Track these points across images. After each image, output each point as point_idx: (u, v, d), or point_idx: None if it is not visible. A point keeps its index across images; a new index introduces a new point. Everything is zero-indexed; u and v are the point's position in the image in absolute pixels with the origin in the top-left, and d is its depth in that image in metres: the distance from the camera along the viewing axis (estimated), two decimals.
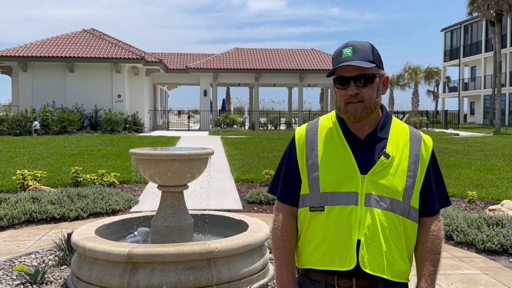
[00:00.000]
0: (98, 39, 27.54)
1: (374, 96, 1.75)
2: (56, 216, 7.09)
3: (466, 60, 43.96)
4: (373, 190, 1.71)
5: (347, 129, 1.79)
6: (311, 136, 1.83)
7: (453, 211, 6.87)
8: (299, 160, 1.83)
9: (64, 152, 14.79)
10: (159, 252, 3.75)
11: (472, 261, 5.33)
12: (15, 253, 5.37)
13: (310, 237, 1.78)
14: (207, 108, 31.15)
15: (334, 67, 1.74)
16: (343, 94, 1.74)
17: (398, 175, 1.74)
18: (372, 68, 1.73)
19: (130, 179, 10.13)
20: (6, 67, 26.96)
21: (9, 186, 9.17)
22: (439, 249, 1.82)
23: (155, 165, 4.17)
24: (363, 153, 1.75)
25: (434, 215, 1.82)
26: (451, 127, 31.80)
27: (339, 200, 1.72)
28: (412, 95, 40.83)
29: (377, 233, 1.69)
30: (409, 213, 1.75)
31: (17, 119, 22.28)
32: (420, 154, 1.79)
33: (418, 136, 1.82)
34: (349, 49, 1.73)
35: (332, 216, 1.73)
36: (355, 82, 1.72)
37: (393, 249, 1.72)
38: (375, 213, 1.70)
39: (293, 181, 1.85)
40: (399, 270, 1.74)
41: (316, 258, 1.76)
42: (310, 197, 1.78)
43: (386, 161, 1.74)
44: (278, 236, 1.85)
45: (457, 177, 10.87)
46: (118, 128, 24.10)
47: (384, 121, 1.81)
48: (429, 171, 1.81)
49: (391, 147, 1.77)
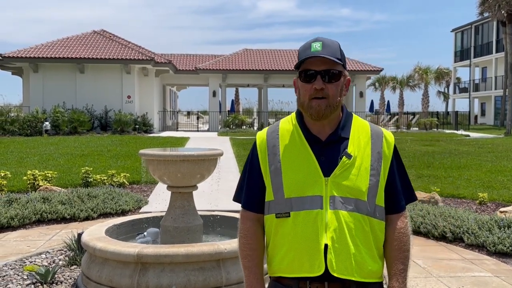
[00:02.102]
0: (108, 40, 27.69)
1: (338, 94, 1.73)
2: (67, 216, 7.13)
3: (476, 61, 43.65)
4: (337, 192, 1.69)
5: (308, 131, 1.77)
6: (272, 140, 1.80)
7: (464, 213, 6.82)
8: (262, 166, 1.80)
9: (74, 152, 14.89)
10: (168, 253, 3.76)
11: (483, 263, 5.28)
12: (26, 253, 5.41)
13: (279, 245, 1.75)
14: (216, 109, 31.19)
15: (303, 58, 1.70)
16: (308, 89, 1.71)
17: (361, 174, 1.71)
18: (339, 65, 1.72)
19: (140, 180, 10.17)
20: (17, 68, 27.20)
21: (20, 186, 9.25)
22: (407, 247, 1.78)
23: (164, 165, 4.19)
24: (325, 154, 1.73)
25: (400, 212, 1.79)
26: (461, 128, 31.58)
27: (304, 205, 1.70)
28: (422, 96, 40.58)
29: (344, 235, 1.67)
30: (375, 212, 1.73)
31: (28, 120, 22.46)
32: (382, 151, 1.76)
33: (379, 132, 1.80)
34: (319, 44, 1.70)
35: (298, 221, 1.70)
36: (322, 77, 1.70)
37: (361, 250, 1.69)
38: (341, 215, 1.68)
39: (257, 187, 1.81)
40: (370, 271, 1.71)
41: (286, 266, 1.73)
42: (275, 203, 1.75)
43: (348, 161, 1.71)
44: (244, 245, 1.83)
45: (467, 179, 10.78)
46: (127, 129, 24.22)
47: (344, 120, 1.79)
48: (393, 167, 1.78)
49: (353, 147, 1.74)
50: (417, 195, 8.10)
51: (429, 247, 5.87)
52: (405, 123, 33.07)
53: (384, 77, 42.22)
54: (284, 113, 37.64)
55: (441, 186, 9.57)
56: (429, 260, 5.36)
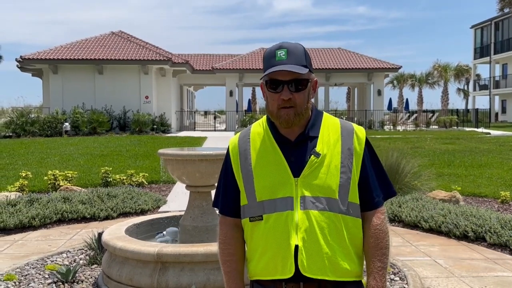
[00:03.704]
0: (126, 41, 27.93)
1: (305, 101, 1.72)
2: (87, 215, 7.20)
3: (497, 57, 42.94)
4: (307, 192, 1.68)
5: (278, 132, 1.76)
6: (244, 144, 1.81)
7: (486, 212, 6.71)
8: (235, 170, 1.81)
9: (94, 152, 15.04)
10: (188, 252, 3.77)
11: (506, 263, 5.19)
12: (47, 252, 5.47)
13: (254, 248, 1.76)
14: (233, 108, 31.24)
15: (269, 71, 1.69)
16: (275, 98, 1.70)
17: (331, 172, 1.70)
18: (305, 73, 1.70)
19: (158, 179, 10.23)
20: (37, 70, 27.60)
21: (41, 186, 9.38)
22: (385, 243, 1.75)
23: (183, 165, 4.19)
24: (294, 155, 1.72)
25: (376, 208, 1.77)
26: (482, 126, 31.11)
27: (275, 207, 1.69)
28: (442, 94, 40.14)
29: (315, 235, 1.66)
30: (348, 209, 1.71)
31: (48, 121, 22.77)
32: (354, 148, 1.75)
33: (349, 129, 1.78)
34: (283, 52, 1.69)
35: (269, 224, 1.70)
36: (289, 86, 1.69)
37: (335, 249, 1.68)
38: (312, 215, 1.67)
39: (231, 192, 1.82)
40: (345, 269, 1.69)
41: (261, 269, 1.73)
42: (249, 207, 1.75)
43: (316, 160, 1.71)
44: (223, 250, 1.84)
45: (489, 177, 10.61)
46: (145, 129, 24.40)
47: (314, 119, 1.78)
48: (365, 163, 1.76)
49: (321, 145, 1.73)
50: (438, 194, 8.00)
51: (451, 247, 5.79)
52: (424, 121, 32.70)
53: (402, 75, 41.87)
54: None
55: (462, 185, 9.43)
56: (451, 259, 5.29)
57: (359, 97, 35.76)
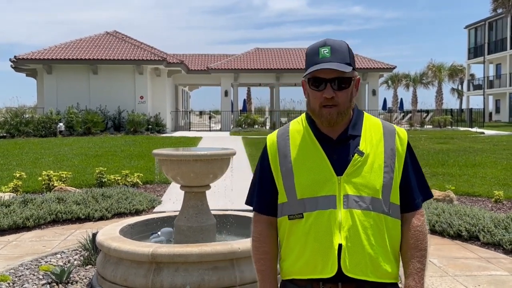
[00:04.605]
0: (120, 41, 27.86)
1: (348, 100, 1.70)
2: (81, 216, 7.18)
3: (490, 58, 43.14)
4: (350, 190, 1.66)
5: (318, 130, 1.74)
6: (283, 142, 1.78)
7: (480, 211, 6.75)
8: (273, 168, 1.78)
9: (88, 153, 15.00)
10: (182, 252, 3.77)
11: (500, 262, 5.22)
12: (42, 253, 5.46)
13: (291, 246, 1.73)
14: (228, 108, 31.22)
15: (312, 70, 1.67)
16: (318, 96, 1.69)
17: (374, 172, 1.68)
18: (349, 72, 1.68)
19: (153, 180, 10.21)
20: (31, 70, 27.49)
21: (35, 187, 9.34)
22: (424, 245, 1.74)
23: (177, 165, 4.20)
24: (337, 153, 1.70)
25: (416, 210, 1.76)
26: (476, 125, 31.24)
27: (317, 205, 1.67)
28: (436, 94, 40.24)
29: (358, 235, 1.64)
30: (389, 210, 1.69)
31: (42, 121, 22.69)
32: (396, 148, 1.74)
33: (391, 129, 1.77)
34: (327, 49, 1.67)
35: (311, 222, 1.67)
36: (332, 85, 1.67)
37: (376, 250, 1.66)
38: (355, 214, 1.65)
39: (268, 190, 1.80)
40: (385, 271, 1.68)
41: (299, 268, 1.71)
42: (288, 205, 1.73)
43: (360, 159, 1.69)
44: (257, 248, 1.81)
45: (483, 177, 10.66)
46: (140, 129, 24.36)
47: (355, 118, 1.76)
48: (407, 164, 1.76)
49: (365, 144, 1.71)
50: None
51: (445, 246, 5.82)
52: (419, 120, 32.81)
53: (397, 75, 41.95)
54: (296, 112, 37.54)
55: (456, 184, 9.47)
56: (445, 259, 5.31)
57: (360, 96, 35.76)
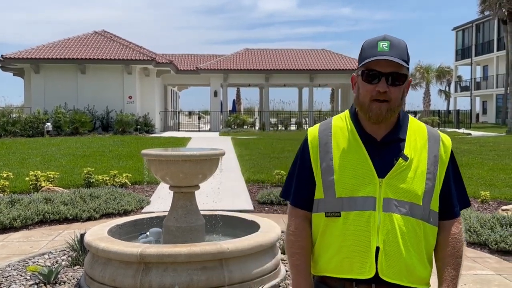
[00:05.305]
0: (109, 41, 27.71)
1: (400, 97, 1.67)
2: (69, 216, 7.14)
3: (478, 59, 43.59)
4: (391, 194, 1.65)
5: (363, 129, 1.71)
6: (325, 137, 1.75)
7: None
8: (313, 163, 1.75)
9: (76, 153, 14.90)
10: (171, 253, 3.77)
11: (486, 261, 5.28)
12: (29, 254, 5.42)
13: (327, 244, 1.71)
14: (217, 109, 31.20)
15: (371, 59, 1.63)
16: (370, 90, 1.65)
17: (417, 178, 1.66)
18: (405, 68, 1.67)
19: (142, 180, 10.17)
20: (18, 69, 27.23)
21: (22, 187, 9.26)
22: (460, 253, 1.74)
23: (166, 165, 4.19)
24: (380, 155, 1.68)
25: (455, 218, 1.76)
26: (463, 126, 31.54)
27: (356, 205, 1.66)
28: (424, 95, 40.58)
29: (397, 239, 1.63)
30: (429, 217, 1.69)
31: (29, 121, 22.49)
32: (439, 155, 1.72)
33: (436, 136, 1.75)
34: (386, 43, 1.65)
35: (349, 222, 1.66)
36: (386, 79, 1.64)
37: (412, 255, 1.66)
38: (394, 218, 1.64)
39: (307, 185, 1.77)
40: (419, 276, 1.69)
41: (334, 266, 1.70)
42: (325, 202, 1.71)
43: (404, 163, 1.67)
44: (293, 242, 1.79)
45: (469, 177, 10.77)
46: (129, 129, 24.24)
47: (401, 121, 1.74)
48: (448, 172, 1.74)
49: (409, 149, 1.69)
50: None
51: None
52: None
53: None
54: (286, 112, 37.63)
55: None
56: None
57: (342, 98, 35.98)
